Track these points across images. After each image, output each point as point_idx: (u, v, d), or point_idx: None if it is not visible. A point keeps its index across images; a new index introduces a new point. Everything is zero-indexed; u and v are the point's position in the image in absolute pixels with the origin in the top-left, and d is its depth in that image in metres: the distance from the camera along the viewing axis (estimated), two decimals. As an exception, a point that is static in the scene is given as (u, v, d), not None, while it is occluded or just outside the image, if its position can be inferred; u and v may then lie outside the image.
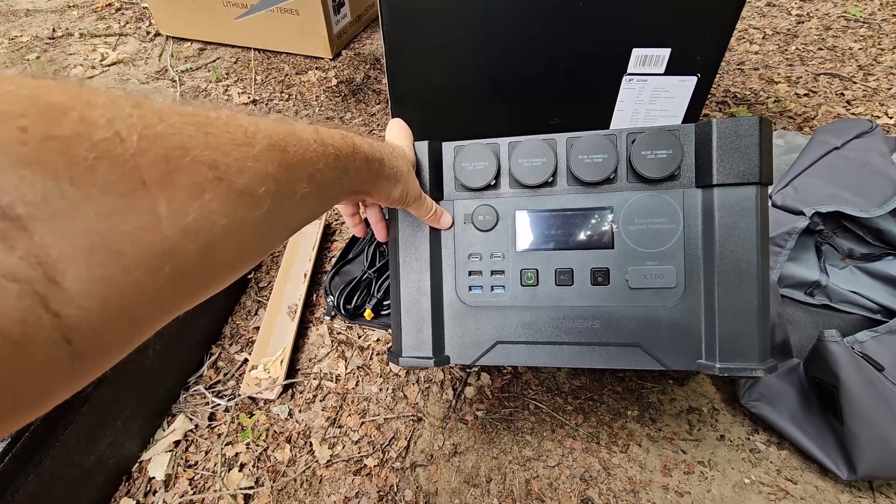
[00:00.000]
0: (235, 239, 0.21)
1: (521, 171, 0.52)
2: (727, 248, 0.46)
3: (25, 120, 0.14)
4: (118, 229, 0.16)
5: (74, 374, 0.16)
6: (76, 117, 0.15)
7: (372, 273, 0.82)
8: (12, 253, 0.13)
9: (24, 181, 0.13)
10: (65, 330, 0.15)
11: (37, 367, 0.14)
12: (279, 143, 0.24)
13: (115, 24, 1.60)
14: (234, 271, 0.23)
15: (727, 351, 0.46)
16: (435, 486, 0.63)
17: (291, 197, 0.25)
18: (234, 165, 0.21)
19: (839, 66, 1.26)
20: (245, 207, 0.21)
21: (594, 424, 0.67)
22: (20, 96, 0.14)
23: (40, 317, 0.14)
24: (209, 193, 0.19)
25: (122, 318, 0.17)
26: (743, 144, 0.45)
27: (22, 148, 0.14)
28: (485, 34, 0.75)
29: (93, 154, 0.15)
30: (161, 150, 0.17)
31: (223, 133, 0.21)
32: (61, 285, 0.14)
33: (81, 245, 0.15)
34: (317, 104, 1.25)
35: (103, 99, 0.16)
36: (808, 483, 0.60)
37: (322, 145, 0.29)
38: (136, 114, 0.17)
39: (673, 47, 0.73)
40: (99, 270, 0.15)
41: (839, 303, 0.74)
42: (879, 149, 0.76)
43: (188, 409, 0.71)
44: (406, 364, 0.53)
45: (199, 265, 0.19)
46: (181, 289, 0.19)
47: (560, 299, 0.52)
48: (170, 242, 0.18)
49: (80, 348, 0.15)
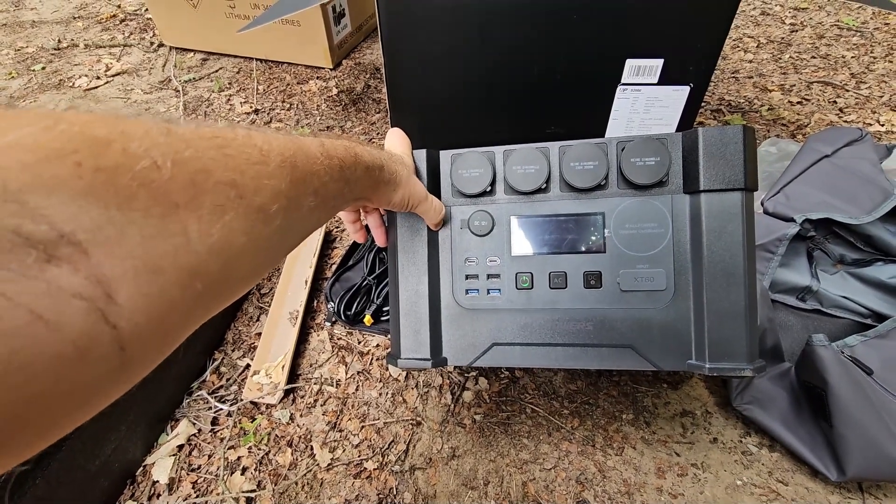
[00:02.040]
0: (251, 255, 0.22)
1: (515, 178, 0.54)
2: (714, 252, 0.47)
3: (79, 155, 0.15)
4: (157, 250, 0.17)
5: (124, 378, 0.18)
6: (119, 149, 0.17)
7: (372, 279, 0.83)
8: (77, 274, 0.15)
9: (82, 210, 0.15)
10: (120, 341, 0.16)
11: (99, 372, 0.16)
12: (290, 159, 0.25)
13: (120, 35, 1.63)
14: (247, 284, 0.25)
15: (716, 351, 0.47)
16: (433, 489, 0.64)
17: (300, 210, 0.26)
18: (251, 184, 0.22)
19: (832, 75, 1.28)
20: (261, 224, 0.23)
21: (590, 428, 0.68)
22: (72, 133, 0.16)
23: (102, 329, 0.16)
24: (230, 213, 0.21)
25: (161, 329, 0.18)
26: (728, 152, 0.47)
27: (78, 181, 0.15)
28: (482, 45, 0.77)
29: (135, 182, 0.17)
30: (189, 175, 0.19)
31: (241, 153, 0.22)
32: (117, 301, 0.16)
33: (130, 266, 0.16)
34: (318, 113, 1.27)
35: (139, 130, 0.18)
36: (798, 484, 0.61)
37: (327, 158, 0.30)
38: (167, 142, 0.19)
39: (666, 58, 0.74)
40: (144, 288, 0.17)
41: (830, 308, 0.75)
42: (869, 156, 0.77)
43: (191, 414, 0.72)
44: (404, 366, 0.55)
45: (220, 281, 0.21)
46: (206, 302, 0.21)
47: (554, 302, 0.53)
48: (198, 260, 0.19)
49: (130, 356, 0.17)
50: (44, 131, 0.15)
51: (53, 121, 0.16)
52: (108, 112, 0.18)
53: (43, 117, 0.16)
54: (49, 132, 0.15)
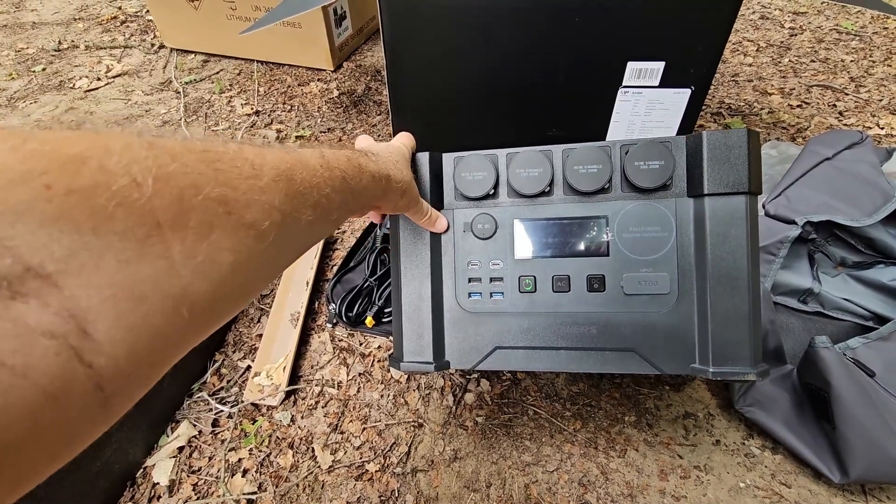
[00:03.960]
0: (241, 274, 0.21)
1: (518, 181, 0.54)
2: (718, 256, 0.47)
3: (48, 176, 0.14)
4: (138, 275, 0.16)
5: (104, 418, 0.17)
6: (95, 167, 0.15)
7: (373, 281, 0.83)
8: (47, 310, 0.13)
9: (52, 238, 0.14)
10: (97, 379, 0.15)
11: (73, 416, 0.15)
12: (285, 173, 0.24)
13: (120, 36, 1.63)
14: (240, 305, 0.23)
15: (720, 355, 0.47)
16: (435, 492, 0.64)
17: (296, 224, 0.25)
18: (243, 199, 0.21)
19: (831, 78, 1.28)
20: (251, 241, 0.21)
21: (592, 430, 0.68)
22: (42, 153, 0.14)
23: (76, 369, 0.14)
24: (218, 231, 0.19)
25: (144, 361, 0.17)
26: (732, 155, 0.47)
27: (48, 205, 0.14)
28: (484, 48, 0.77)
29: (113, 202, 0.15)
30: (175, 191, 0.18)
31: (232, 168, 0.21)
32: (92, 336, 0.15)
33: (107, 295, 0.15)
34: (318, 115, 1.27)
35: (119, 144, 0.17)
36: (801, 487, 0.61)
37: (328, 169, 0.29)
38: (151, 156, 0.17)
39: (667, 61, 0.75)
40: (124, 319, 0.16)
41: (832, 310, 0.76)
42: (870, 159, 0.78)
43: (192, 416, 0.72)
44: (407, 369, 0.54)
45: (209, 304, 0.19)
46: (194, 328, 0.19)
47: (557, 305, 0.53)
48: (184, 284, 0.18)
49: (109, 394, 0.16)
50: (10, 152, 0.14)
51: (21, 140, 0.14)
52: (87, 127, 0.17)
53: (10, 136, 0.14)
54: (15, 152, 0.14)
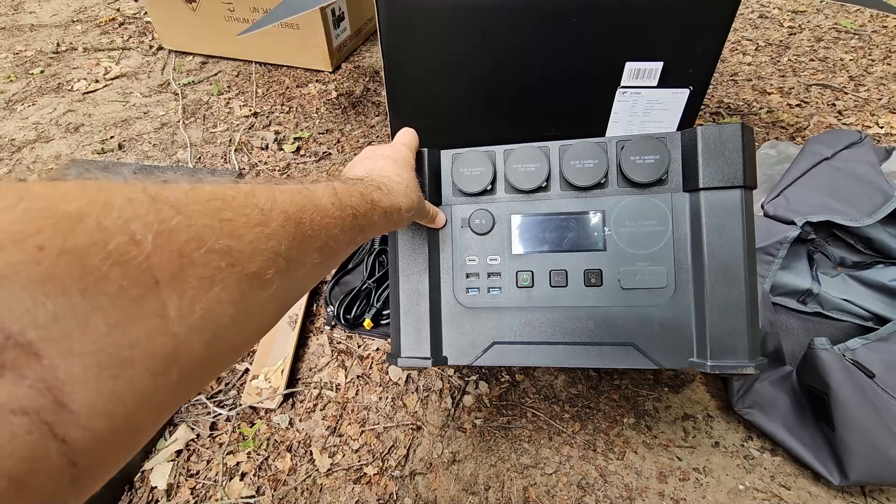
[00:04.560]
0: (241, 325, 0.20)
1: (516, 176, 0.54)
2: (715, 249, 0.47)
3: (41, 237, 0.13)
4: (126, 338, 0.15)
5: (76, 494, 0.15)
6: (92, 225, 0.14)
7: (371, 283, 0.83)
8: (21, 383, 0.12)
9: (37, 302, 0.13)
10: (70, 454, 0.14)
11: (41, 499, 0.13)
12: (295, 216, 0.23)
13: (119, 38, 1.63)
14: (235, 357, 0.22)
15: (718, 349, 0.47)
16: (434, 495, 0.64)
17: (301, 269, 0.24)
18: (248, 249, 0.20)
19: (831, 77, 1.28)
20: (253, 291, 0.20)
21: (591, 432, 0.68)
22: (36, 211, 0.14)
23: (47, 448, 0.13)
24: (218, 285, 0.18)
25: (126, 430, 0.16)
26: (727, 150, 0.47)
27: (36, 268, 0.13)
28: (482, 48, 0.77)
29: (108, 262, 0.14)
30: (175, 245, 0.17)
31: (239, 216, 0.20)
32: (69, 408, 0.13)
33: (91, 363, 0.14)
34: (317, 116, 1.27)
35: (120, 199, 0.16)
36: (801, 489, 0.61)
37: (340, 209, 0.28)
38: (153, 210, 0.16)
39: (665, 61, 0.74)
40: (107, 387, 0.14)
41: (831, 311, 0.75)
42: (869, 159, 0.77)
43: (189, 419, 0.71)
44: (404, 365, 0.54)
45: (203, 361, 0.18)
46: (185, 388, 0.18)
47: (555, 300, 0.53)
48: (176, 343, 0.17)
49: (84, 468, 0.15)
50: (2, 212, 0.13)
51: (17, 198, 0.13)
52: (89, 181, 0.16)
53: (6, 194, 0.13)
54: (9, 212, 0.13)
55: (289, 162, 1.14)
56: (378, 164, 0.42)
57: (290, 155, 1.15)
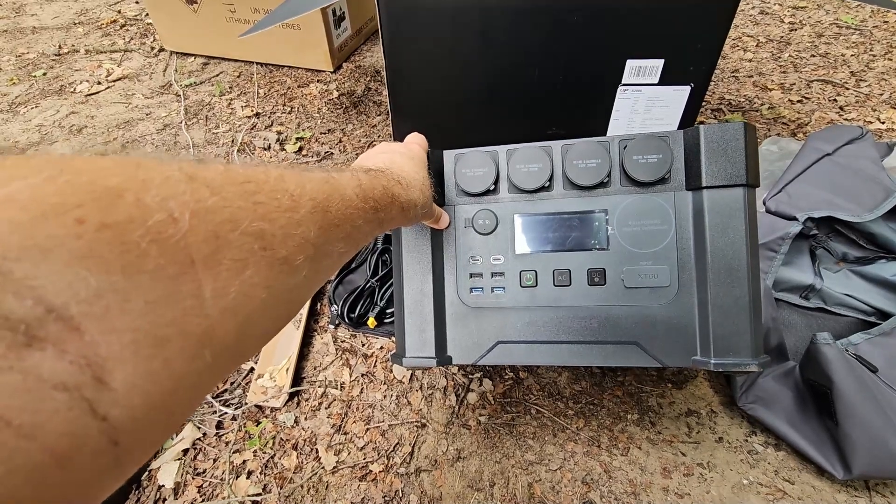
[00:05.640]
0: (272, 310, 0.20)
1: (518, 176, 0.54)
2: (717, 248, 0.48)
3: (82, 210, 0.13)
4: (164, 317, 0.15)
5: (118, 474, 0.15)
6: (132, 200, 0.14)
7: (375, 282, 0.83)
8: (63, 358, 0.12)
9: (79, 277, 0.13)
10: (111, 433, 0.14)
11: (84, 476, 0.14)
12: (322, 204, 0.23)
13: (120, 40, 1.63)
14: (265, 341, 0.22)
15: (721, 347, 0.47)
16: (439, 491, 0.64)
17: (328, 258, 0.24)
18: (280, 233, 0.20)
19: (832, 73, 1.28)
20: (284, 276, 0.20)
21: (595, 428, 0.68)
22: (78, 184, 0.14)
23: (88, 425, 0.13)
24: (251, 268, 0.18)
25: (163, 410, 0.16)
26: (729, 148, 0.47)
27: (77, 242, 0.13)
28: (483, 47, 0.77)
29: (146, 238, 0.14)
30: (211, 226, 0.17)
31: (271, 199, 0.20)
32: (109, 385, 0.13)
33: (129, 340, 0.14)
34: (318, 116, 1.27)
35: (158, 177, 0.16)
36: (805, 483, 0.61)
37: (363, 200, 0.28)
38: (190, 189, 0.16)
39: (666, 58, 0.74)
40: (144, 365, 0.14)
41: (834, 306, 0.76)
42: (870, 154, 0.77)
43: (196, 418, 0.72)
44: (409, 364, 0.55)
45: (235, 343, 0.18)
46: (217, 371, 0.18)
47: (558, 299, 0.53)
48: (210, 324, 0.17)
49: (125, 448, 0.14)
50: (45, 183, 0.13)
51: (58, 170, 0.13)
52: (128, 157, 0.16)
53: (46, 166, 0.13)
54: (51, 183, 0.13)
55: (291, 162, 1.14)
56: (397, 159, 0.42)
57: (293, 155, 1.16)
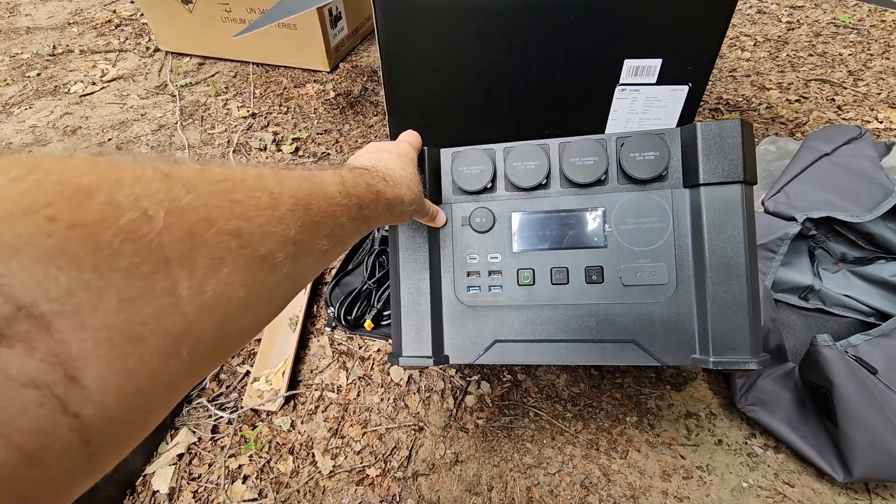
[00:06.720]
0: (252, 308, 0.20)
1: (515, 174, 0.54)
2: (715, 245, 0.47)
3: (52, 209, 0.13)
4: (138, 315, 0.15)
5: (90, 472, 0.15)
6: (103, 200, 0.14)
7: (372, 284, 0.83)
8: (33, 356, 0.12)
9: (49, 275, 0.13)
10: (83, 431, 0.14)
11: (55, 474, 0.13)
12: (303, 201, 0.23)
13: (115, 40, 1.62)
14: (246, 340, 0.22)
15: (720, 345, 0.47)
16: (437, 495, 0.63)
17: (310, 255, 0.24)
18: (258, 232, 0.20)
19: (829, 72, 1.28)
20: (264, 274, 0.20)
21: (593, 431, 0.68)
22: (47, 183, 0.14)
23: (59, 422, 0.13)
24: (229, 266, 0.18)
25: (137, 409, 0.16)
26: (726, 146, 0.47)
27: (48, 240, 0.13)
28: (480, 47, 0.76)
29: (119, 237, 0.14)
30: (187, 224, 0.17)
31: (249, 198, 0.20)
32: (81, 383, 0.13)
33: (102, 338, 0.14)
34: (315, 117, 1.26)
35: (131, 176, 0.16)
36: (805, 486, 0.61)
37: (346, 197, 0.28)
38: (165, 188, 0.16)
39: (664, 58, 0.74)
40: (118, 363, 0.14)
41: (833, 307, 0.75)
42: (869, 154, 0.77)
43: (191, 422, 0.71)
44: (406, 364, 0.54)
45: (214, 342, 0.18)
46: (195, 369, 0.18)
47: (556, 298, 0.53)
48: (187, 322, 0.17)
49: (96, 447, 0.14)
50: (12, 182, 0.13)
51: (26, 170, 0.13)
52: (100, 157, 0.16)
53: (14, 165, 0.13)
54: (19, 183, 0.13)
55: (287, 163, 1.13)
56: (384, 157, 0.43)
57: (289, 156, 1.15)
